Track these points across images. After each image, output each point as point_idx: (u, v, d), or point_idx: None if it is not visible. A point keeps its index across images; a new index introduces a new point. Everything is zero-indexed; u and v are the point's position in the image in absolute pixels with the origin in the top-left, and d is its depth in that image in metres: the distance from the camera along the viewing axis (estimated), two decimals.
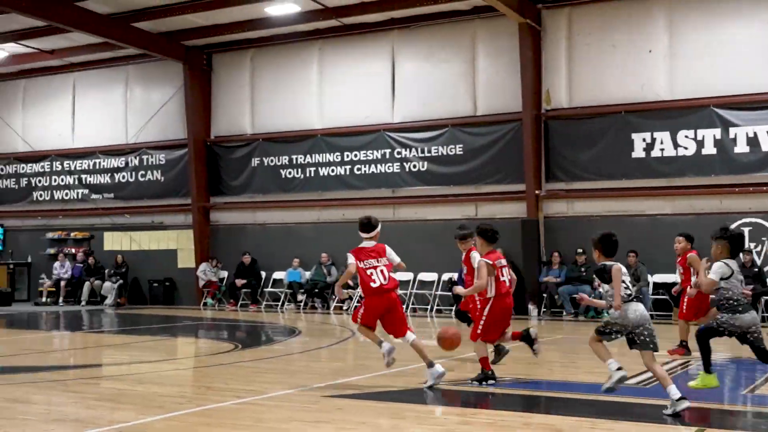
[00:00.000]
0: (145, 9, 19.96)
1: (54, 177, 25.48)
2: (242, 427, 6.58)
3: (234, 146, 22.84)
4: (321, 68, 21.71)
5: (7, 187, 26.26)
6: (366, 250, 8.70)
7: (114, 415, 7.07)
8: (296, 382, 8.98)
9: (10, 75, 25.93)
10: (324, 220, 21.65)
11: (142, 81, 24.22)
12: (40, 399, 8.10)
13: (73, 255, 24.58)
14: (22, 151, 26.00)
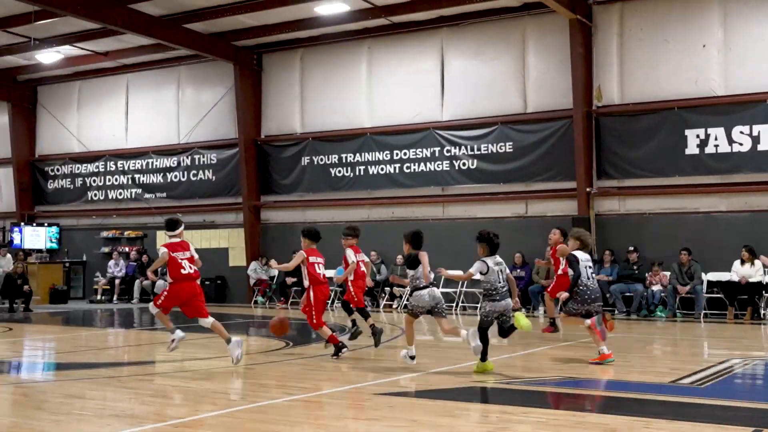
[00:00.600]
0: (196, 10, 20.18)
1: (108, 177, 25.89)
2: (294, 424, 6.62)
3: (284, 145, 22.99)
4: (370, 67, 21.76)
5: (63, 187, 26.75)
6: (174, 245, 10.23)
7: (168, 411, 7.16)
8: (347, 379, 9.03)
9: (66, 77, 26.42)
10: (373, 219, 21.69)
11: (194, 81, 24.50)
12: (96, 395, 8.23)
13: (126, 253, 24.96)
14: (78, 152, 26.48)
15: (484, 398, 8.01)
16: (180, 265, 9.98)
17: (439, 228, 20.55)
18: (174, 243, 10.30)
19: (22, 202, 27.06)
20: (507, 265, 9.90)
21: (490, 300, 9.39)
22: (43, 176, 27.16)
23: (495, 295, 9.37)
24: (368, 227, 21.56)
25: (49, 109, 27.08)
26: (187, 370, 10.02)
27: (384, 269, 20.82)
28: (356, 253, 12.40)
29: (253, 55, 23.04)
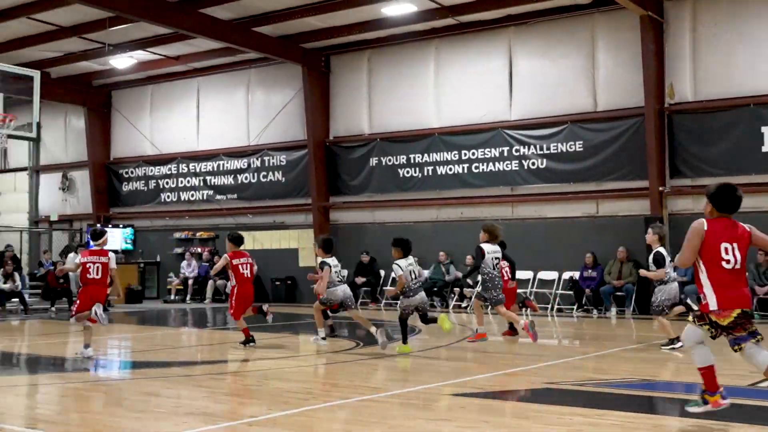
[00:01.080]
0: (265, 13, 20.40)
1: (180, 179, 26.36)
2: (367, 423, 6.65)
3: (352, 146, 23.11)
4: (437, 67, 21.73)
5: (137, 189, 27.32)
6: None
7: (243, 410, 7.26)
8: (418, 380, 9.03)
9: (139, 81, 26.96)
10: (442, 219, 21.67)
11: (263, 84, 24.78)
12: (172, 393, 8.38)
13: (199, 254, 25.37)
14: (151, 154, 27.01)
15: (557, 400, 7.93)
16: (88, 270, 11.19)
17: (508, 228, 20.32)
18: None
19: (99, 204, 27.71)
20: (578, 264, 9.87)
21: (405, 296, 11.20)
22: (118, 179, 27.77)
23: (408, 292, 11.15)
24: (437, 228, 21.60)
25: (123, 112, 27.68)
26: (259, 370, 10.15)
27: (453, 269, 20.78)
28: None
29: (321, 57, 23.21)
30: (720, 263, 6.21)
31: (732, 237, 6.22)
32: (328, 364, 10.77)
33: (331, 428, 6.49)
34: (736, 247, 6.21)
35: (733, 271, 6.21)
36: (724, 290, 6.18)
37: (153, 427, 6.57)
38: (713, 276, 6.25)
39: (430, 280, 20.99)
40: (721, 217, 6.32)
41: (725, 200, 6.30)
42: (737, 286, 6.22)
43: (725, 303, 6.16)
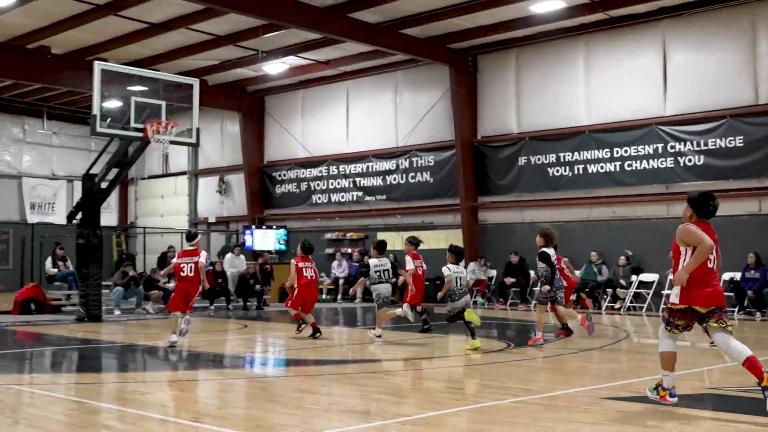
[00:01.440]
0: (412, 15, 20.54)
1: (330, 180, 26.89)
2: (520, 425, 6.57)
3: (500, 145, 22.94)
4: (587, 63, 21.29)
5: (290, 191, 28.06)
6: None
7: (396, 409, 7.31)
8: (572, 382, 8.87)
9: (291, 86, 27.71)
10: (593, 218, 21.21)
11: (411, 85, 24.96)
12: (325, 390, 8.55)
13: (349, 254, 25.79)
14: (302, 157, 27.69)
15: (720, 406, 7.62)
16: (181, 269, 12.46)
17: (663, 228, 19.77)
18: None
19: (253, 206, 28.65)
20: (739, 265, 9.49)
21: (450, 300, 12.33)
22: (271, 181, 28.60)
23: (453, 296, 12.29)
24: (588, 227, 21.16)
25: (275, 117, 28.51)
26: (412, 369, 10.21)
27: (605, 270, 20.30)
28: (414, 260, 13.97)
29: (468, 56, 23.16)
30: (706, 262, 6.96)
31: (714, 240, 7.01)
32: (480, 365, 10.72)
33: (483, 429, 6.45)
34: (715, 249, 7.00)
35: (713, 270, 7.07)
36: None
37: (309, 423, 6.71)
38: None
39: (581, 280, 20.58)
40: (700, 222, 7.17)
41: (705, 206, 7.20)
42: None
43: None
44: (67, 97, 29.73)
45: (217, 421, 6.78)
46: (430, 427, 6.49)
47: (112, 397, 8.30)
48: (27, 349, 13.28)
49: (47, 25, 21.36)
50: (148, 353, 12.60)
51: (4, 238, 30.29)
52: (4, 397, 8.18)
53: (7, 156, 31.12)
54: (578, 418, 6.84)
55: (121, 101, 17.03)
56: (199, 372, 10.53)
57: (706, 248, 6.88)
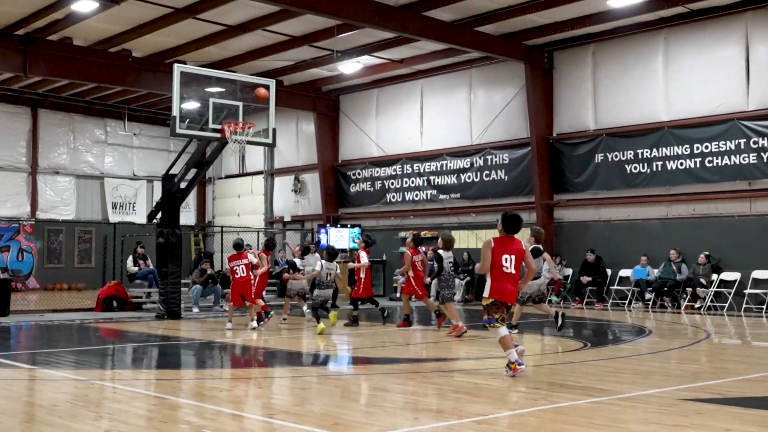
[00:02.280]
0: (487, 12, 20.42)
1: (405, 179, 26.92)
2: (598, 426, 6.48)
3: (576, 143, 22.66)
4: (666, 58, 20.88)
5: (364, 189, 28.19)
6: (234, 257, 15.47)
7: (472, 408, 7.28)
8: (651, 383, 8.71)
9: (365, 85, 27.83)
10: (672, 216, 20.80)
11: (485, 83, 24.83)
12: (401, 389, 8.57)
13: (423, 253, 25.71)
14: (377, 156, 27.78)
15: None
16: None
17: (745, 225, 19.35)
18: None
19: (328, 205, 28.87)
20: None
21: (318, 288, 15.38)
22: (346, 180, 28.77)
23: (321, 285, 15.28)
24: (667, 225, 20.76)
25: (350, 116, 28.66)
26: (487, 368, 10.17)
27: (685, 268, 19.88)
28: (414, 255, 15.54)
29: (544, 53, 22.93)
30: (501, 268, 9.12)
31: (510, 250, 9.21)
32: (556, 364, 10.63)
33: (559, 429, 6.38)
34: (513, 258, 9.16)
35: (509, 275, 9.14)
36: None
37: (385, 421, 6.74)
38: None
39: (659, 279, 20.22)
40: (505, 236, 9.40)
41: (509, 224, 9.47)
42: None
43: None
44: (147, 99, 30.42)
45: (294, 417, 6.86)
46: (506, 427, 6.46)
47: (190, 393, 8.47)
48: (109, 346, 13.63)
49: (128, 30, 21.87)
50: (226, 350, 12.81)
51: (87, 237, 31.16)
52: (88, 392, 8.42)
53: (90, 157, 32.01)
54: (656, 419, 6.72)
55: (199, 103, 17.35)
56: (275, 369, 10.67)
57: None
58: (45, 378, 9.47)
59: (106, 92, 29.34)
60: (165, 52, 23.94)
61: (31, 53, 22.39)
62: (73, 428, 6.34)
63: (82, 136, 31.74)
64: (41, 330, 15.74)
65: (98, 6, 19.22)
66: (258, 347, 12.90)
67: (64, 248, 30.75)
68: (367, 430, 6.38)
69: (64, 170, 31.26)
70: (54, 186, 31.02)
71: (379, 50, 23.70)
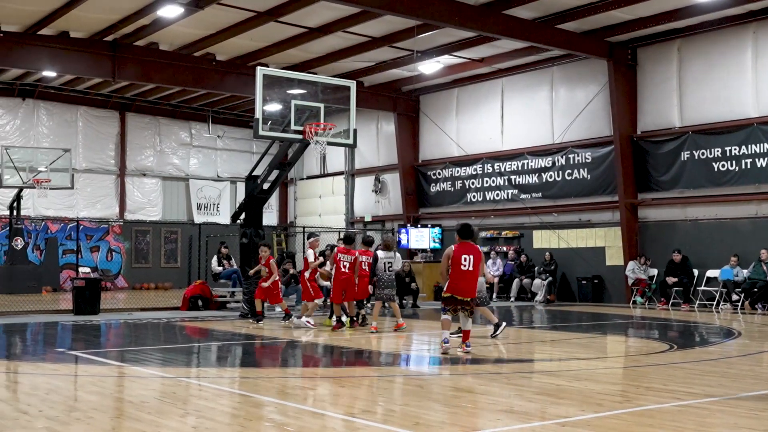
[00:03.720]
0: (568, 10, 20.17)
1: (485, 179, 26.78)
2: (685, 430, 6.34)
3: (662, 140, 22.22)
4: (756, 52, 20.30)
5: (444, 189, 28.14)
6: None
7: (555, 410, 7.21)
8: (740, 386, 8.49)
9: (445, 85, 27.79)
10: (762, 215, 20.22)
11: (567, 81, 24.53)
12: (483, 390, 8.53)
13: (504, 253, 25.62)
14: (457, 156, 27.70)
15: None
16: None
17: None
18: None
19: (408, 205, 28.92)
20: None
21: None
22: (426, 180, 28.77)
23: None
24: (757, 224, 20.20)
25: (430, 116, 28.65)
26: (569, 370, 10.05)
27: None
28: (363, 255, 15.14)
29: (627, 50, 22.54)
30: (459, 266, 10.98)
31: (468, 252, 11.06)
32: (640, 366, 10.44)
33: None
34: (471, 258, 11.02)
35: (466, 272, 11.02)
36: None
37: (468, 422, 6.72)
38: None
39: (749, 280, 19.67)
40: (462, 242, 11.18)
41: (463, 232, 11.28)
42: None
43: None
44: (231, 101, 30.96)
45: (375, 417, 6.89)
46: (590, 429, 6.36)
47: (274, 391, 8.58)
48: (195, 344, 13.91)
49: (212, 34, 22.30)
50: (308, 349, 12.94)
51: (173, 237, 31.87)
52: (176, 389, 8.61)
53: (176, 159, 32.73)
54: (746, 424, 6.54)
55: (281, 104, 17.56)
56: (356, 369, 10.73)
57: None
58: (134, 375, 9.72)
59: (190, 95, 29.96)
60: (248, 55, 24.32)
61: (119, 58, 23.02)
62: (161, 424, 6.49)
63: (167, 138, 32.48)
64: (129, 328, 16.15)
65: (183, 11, 19.64)
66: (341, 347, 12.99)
67: (151, 248, 31.51)
68: (449, 430, 6.37)
69: (150, 172, 32.03)
70: (141, 187, 31.81)
71: (458, 50, 23.63)
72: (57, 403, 7.45)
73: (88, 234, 30.02)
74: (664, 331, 15.70)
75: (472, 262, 11.01)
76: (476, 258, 11.09)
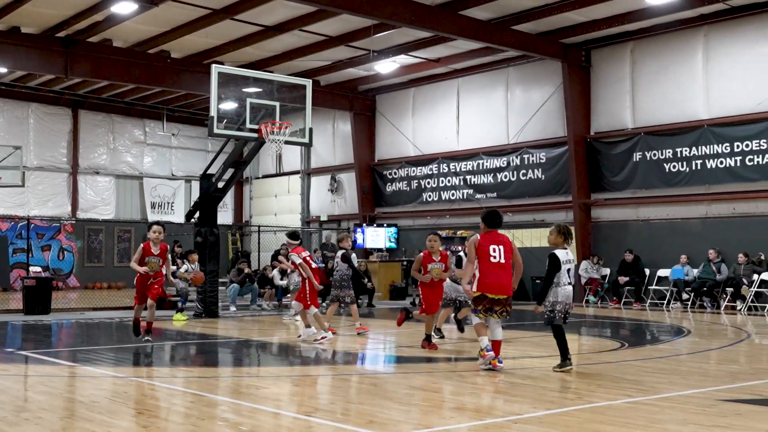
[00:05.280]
0: (524, 11, 20.32)
1: (441, 178, 26.88)
2: (635, 426, 6.44)
3: (614, 141, 22.49)
4: (706, 55, 20.64)
5: (400, 189, 28.19)
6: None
7: (507, 407, 7.27)
8: (689, 383, 8.64)
9: (402, 85, 27.84)
10: (712, 215, 20.56)
11: (522, 82, 24.71)
12: (437, 388, 8.57)
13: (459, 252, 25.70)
14: (413, 155, 27.77)
15: None
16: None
17: None
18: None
19: (364, 205, 28.92)
20: None
21: None
22: (382, 179, 28.80)
23: None
24: (706, 224, 20.54)
25: (386, 116, 28.69)
26: (523, 368, 10.13)
27: (725, 268, 19.65)
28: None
29: (581, 51, 22.78)
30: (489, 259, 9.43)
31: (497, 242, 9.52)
32: (593, 364, 10.56)
33: (597, 429, 6.34)
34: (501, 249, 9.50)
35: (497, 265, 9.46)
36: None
37: (421, 420, 6.75)
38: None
39: (698, 279, 20.00)
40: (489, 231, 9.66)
41: (490, 220, 9.76)
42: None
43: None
44: (186, 99, 30.70)
45: (330, 415, 6.89)
46: (543, 426, 6.43)
47: (228, 390, 8.54)
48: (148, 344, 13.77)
49: (167, 31, 22.09)
50: (263, 348, 12.89)
51: (126, 236, 31.52)
52: (128, 389, 8.52)
53: (130, 157, 32.36)
54: (695, 420, 6.66)
55: (236, 103, 17.48)
56: (311, 368, 10.71)
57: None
58: (85, 375, 9.60)
59: (145, 93, 29.65)
60: (203, 53, 24.13)
61: (72, 55, 22.71)
62: (112, 424, 6.42)
63: (121, 136, 32.10)
64: (81, 328, 15.95)
65: (138, 8, 19.43)
66: (295, 346, 12.96)
67: (104, 247, 31.12)
68: (403, 428, 6.39)
69: (103, 170, 31.63)
70: (94, 186, 31.40)
71: (415, 49, 23.69)
72: (5, 403, 7.34)
73: (40, 233, 29.55)
74: (616, 330, 15.90)
75: (502, 254, 9.47)
76: (507, 249, 9.58)
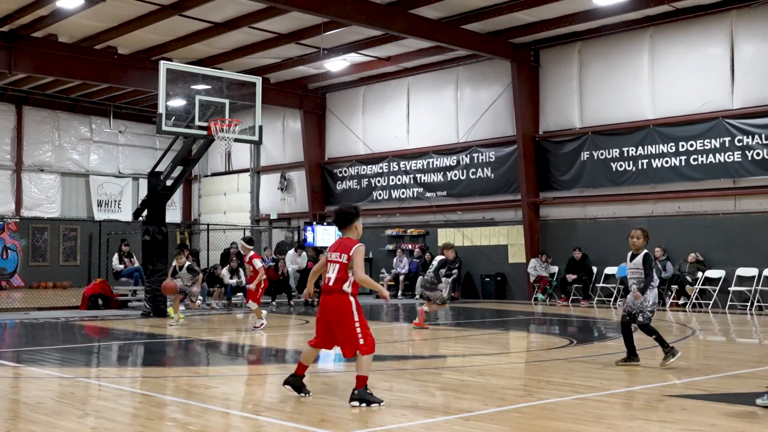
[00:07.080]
0: (474, 11, 20.44)
1: (391, 177, 26.92)
2: (584, 422, 6.51)
3: (563, 140, 22.74)
4: (652, 56, 20.96)
5: (350, 187, 28.17)
6: None
7: (459, 404, 7.30)
8: (636, 380, 8.76)
9: (352, 83, 27.82)
10: (658, 214, 20.89)
11: (471, 81, 24.86)
12: (387, 386, 8.56)
13: (410, 251, 25.80)
14: (363, 154, 27.77)
15: None
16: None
17: (730, 223, 19.47)
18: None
19: (314, 203, 28.84)
20: None
21: None
22: (332, 178, 28.75)
23: None
24: (652, 223, 20.82)
25: (336, 114, 28.64)
26: (473, 365, 10.18)
27: (670, 266, 19.98)
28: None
29: (530, 51, 22.98)
30: None
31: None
32: (542, 361, 10.66)
33: (547, 426, 6.40)
34: None
35: None
36: None
37: (373, 419, 6.74)
38: None
39: None
40: None
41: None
42: None
43: None
44: (133, 96, 30.30)
45: (281, 414, 6.85)
46: (493, 423, 6.47)
47: (177, 390, 8.44)
48: (95, 344, 13.57)
49: (114, 26, 21.78)
50: (212, 348, 12.78)
51: (72, 235, 31.03)
52: (74, 389, 8.38)
53: (75, 155, 31.85)
54: (642, 416, 6.76)
55: (185, 100, 17.31)
56: (261, 367, 10.65)
57: None
58: (30, 376, 9.42)
59: (91, 89, 29.18)
60: (151, 49, 23.84)
61: (15, 50, 22.24)
62: (58, 425, 6.31)
63: (67, 133, 31.57)
64: (26, 328, 15.65)
65: (83, 2, 19.13)
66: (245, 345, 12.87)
67: (49, 246, 30.61)
68: (354, 426, 6.38)
69: (49, 168, 31.09)
70: (39, 183, 30.84)
71: (365, 48, 23.68)
72: None
73: None
74: (565, 327, 16.07)
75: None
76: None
